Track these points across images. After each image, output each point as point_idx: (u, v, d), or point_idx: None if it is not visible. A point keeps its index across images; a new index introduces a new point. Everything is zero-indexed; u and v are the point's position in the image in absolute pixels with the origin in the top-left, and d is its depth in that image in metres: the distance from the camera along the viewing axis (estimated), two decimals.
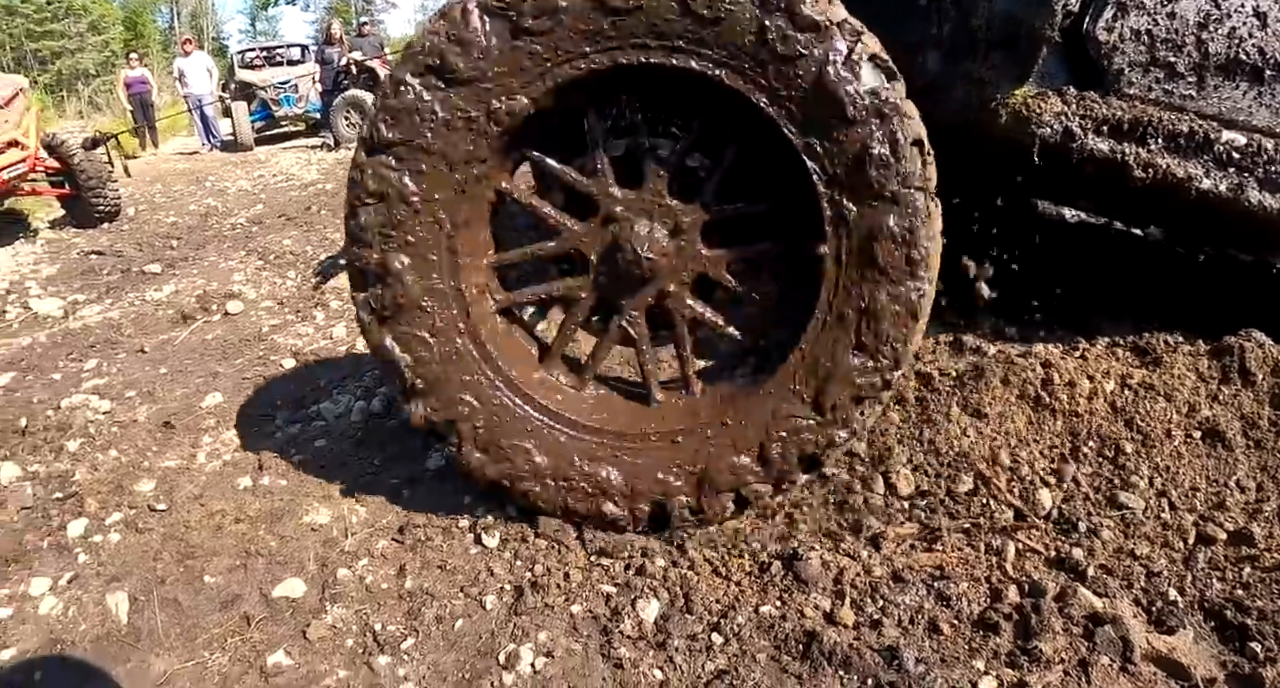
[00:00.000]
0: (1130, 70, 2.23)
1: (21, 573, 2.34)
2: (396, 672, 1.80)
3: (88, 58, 36.25)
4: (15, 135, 7.31)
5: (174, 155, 14.60)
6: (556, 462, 2.12)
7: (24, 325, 4.98)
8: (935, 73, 2.44)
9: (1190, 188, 2.29)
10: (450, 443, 2.16)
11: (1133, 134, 2.27)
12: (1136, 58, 2.22)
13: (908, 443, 2.41)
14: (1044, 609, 1.80)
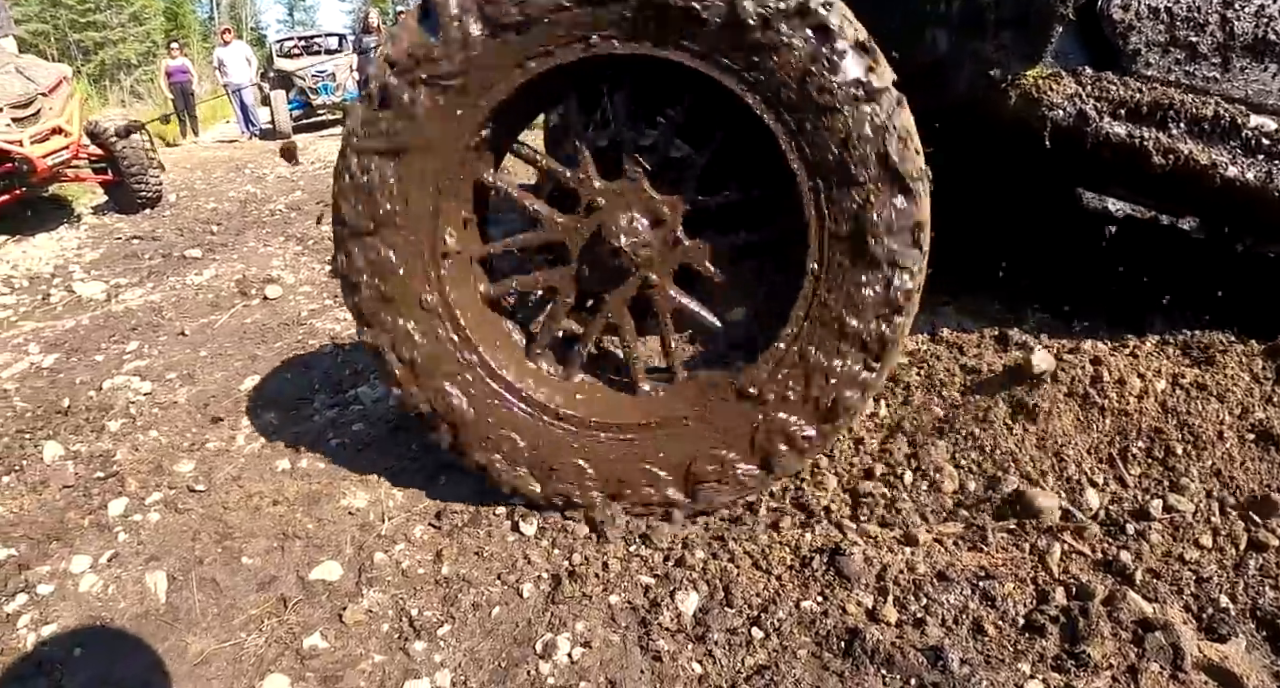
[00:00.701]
0: (1148, 50, 2.13)
1: (63, 551, 2.37)
2: (433, 658, 1.79)
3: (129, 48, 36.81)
4: (59, 123, 7.42)
5: (214, 143, 14.80)
6: (540, 450, 2.11)
7: (67, 308, 5.06)
8: (943, 52, 2.36)
9: (1214, 175, 2.19)
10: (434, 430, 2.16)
11: (1152, 118, 2.17)
12: (1155, 37, 2.12)
13: (951, 439, 2.36)
14: (1092, 613, 1.75)
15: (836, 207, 1.87)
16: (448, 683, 1.73)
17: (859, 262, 1.88)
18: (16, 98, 7.22)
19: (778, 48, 1.78)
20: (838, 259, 1.90)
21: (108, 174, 8.08)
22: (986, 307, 3.09)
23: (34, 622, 2.11)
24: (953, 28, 2.32)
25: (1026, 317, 2.96)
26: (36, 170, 7.25)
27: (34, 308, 5.19)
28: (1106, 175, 2.55)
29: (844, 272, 1.90)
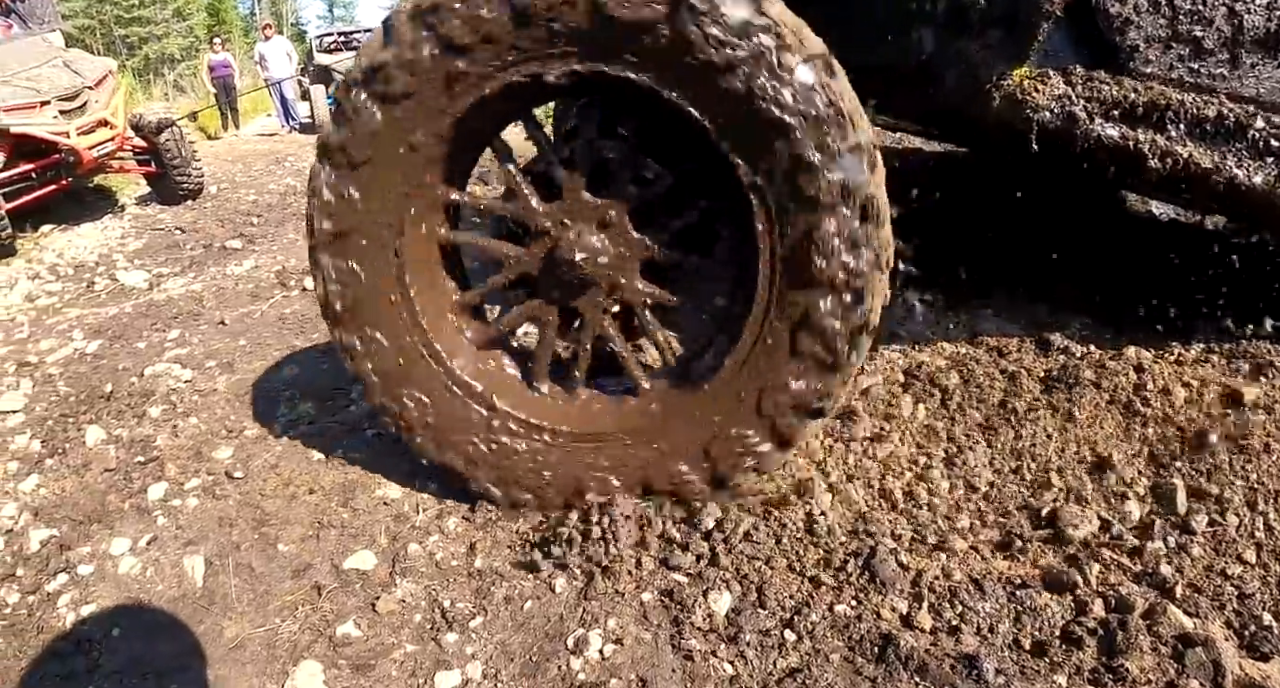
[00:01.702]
0: (1147, 47, 2.03)
1: (103, 533, 2.41)
2: (464, 650, 1.80)
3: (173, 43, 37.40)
4: (105, 115, 7.56)
5: (254, 136, 14.98)
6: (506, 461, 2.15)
7: (111, 296, 5.15)
8: (930, 52, 2.28)
9: (1217, 180, 2.10)
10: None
11: (1148, 119, 2.08)
12: (1154, 32, 2.02)
13: (989, 445, 2.34)
14: (1131, 626, 1.71)
15: (785, 224, 1.82)
16: (479, 675, 1.73)
17: (810, 280, 1.83)
18: (64, 91, 7.36)
19: (721, 67, 1.74)
20: (788, 277, 1.85)
21: (151, 166, 8.21)
22: (1027, 310, 3.05)
23: (74, 601, 2.15)
24: (939, 27, 2.25)
25: (1068, 321, 2.92)
26: (82, 161, 7.39)
27: (78, 295, 5.29)
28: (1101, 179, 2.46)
29: (794, 290, 1.85)
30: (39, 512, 2.58)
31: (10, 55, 7.59)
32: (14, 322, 4.88)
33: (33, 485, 2.75)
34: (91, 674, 1.91)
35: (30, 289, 5.57)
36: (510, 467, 2.15)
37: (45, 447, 3.02)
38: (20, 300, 5.35)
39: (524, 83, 1.89)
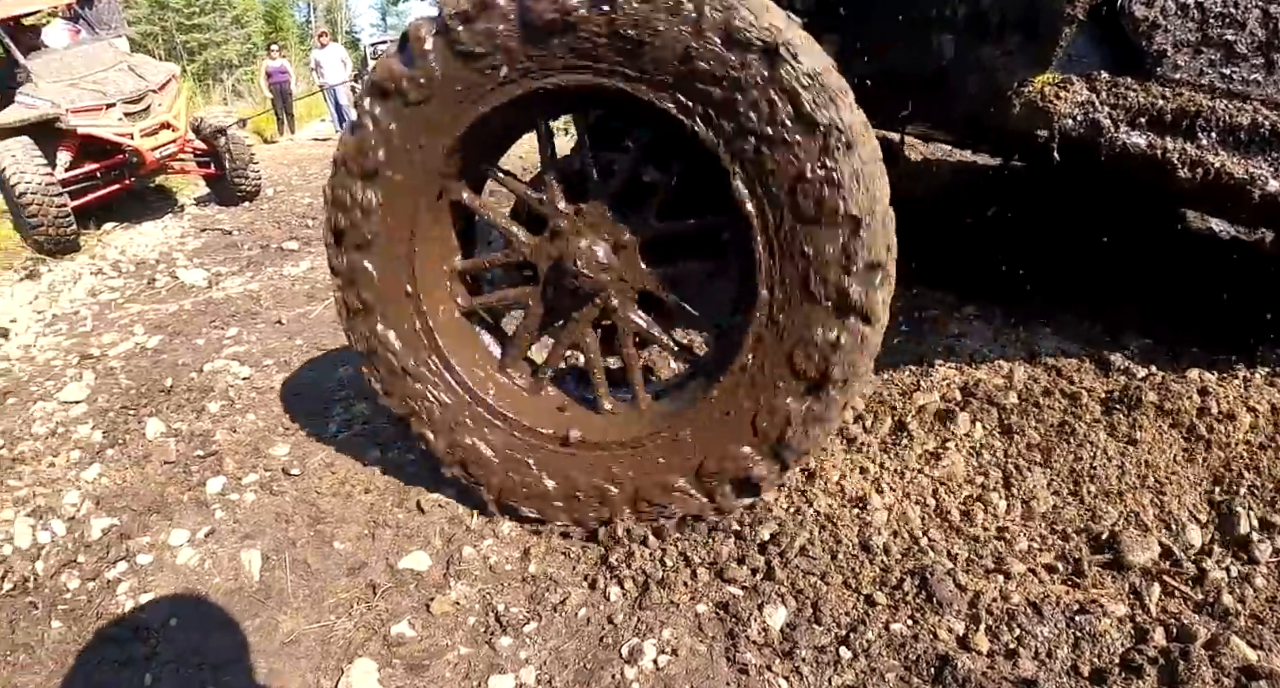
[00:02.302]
0: (1176, 51, 1.93)
1: (162, 523, 2.46)
2: (518, 654, 1.79)
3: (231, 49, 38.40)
4: (168, 118, 7.78)
5: (309, 141, 15.28)
6: (506, 460, 2.15)
7: (171, 293, 5.27)
8: (950, 59, 2.22)
9: (1252, 190, 2.00)
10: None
11: (1177, 127, 1.98)
12: (1184, 36, 1.92)
13: (1047, 466, 2.28)
14: (1193, 656, 1.66)
15: (785, 241, 1.80)
16: (532, 681, 1.73)
17: (809, 298, 1.81)
18: (129, 94, 7.59)
19: (722, 82, 1.74)
20: (787, 295, 1.83)
21: (210, 168, 8.42)
22: (1087, 330, 2.98)
23: (133, 590, 2.19)
24: (959, 33, 2.20)
25: (1129, 342, 2.85)
26: (145, 162, 7.62)
27: (139, 292, 5.43)
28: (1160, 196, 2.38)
29: (793, 307, 1.82)
30: (100, 501, 2.64)
31: (78, 59, 7.85)
32: (77, 315, 5.02)
33: (94, 474, 2.82)
34: (149, 662, 1.94)
35: (93, 284, 5.73)
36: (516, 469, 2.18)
37: (106, 437, 3.09)
38: (84, 295, 5.51)
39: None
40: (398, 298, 2.16)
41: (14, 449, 3.13)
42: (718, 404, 1.96)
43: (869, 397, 2.64)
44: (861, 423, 2.48)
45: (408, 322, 2.18)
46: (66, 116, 7.21)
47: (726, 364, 1.94)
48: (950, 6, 2.19)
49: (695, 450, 1.99)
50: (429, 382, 2.20)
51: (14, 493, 2.79)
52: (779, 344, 1.86)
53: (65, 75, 7.59)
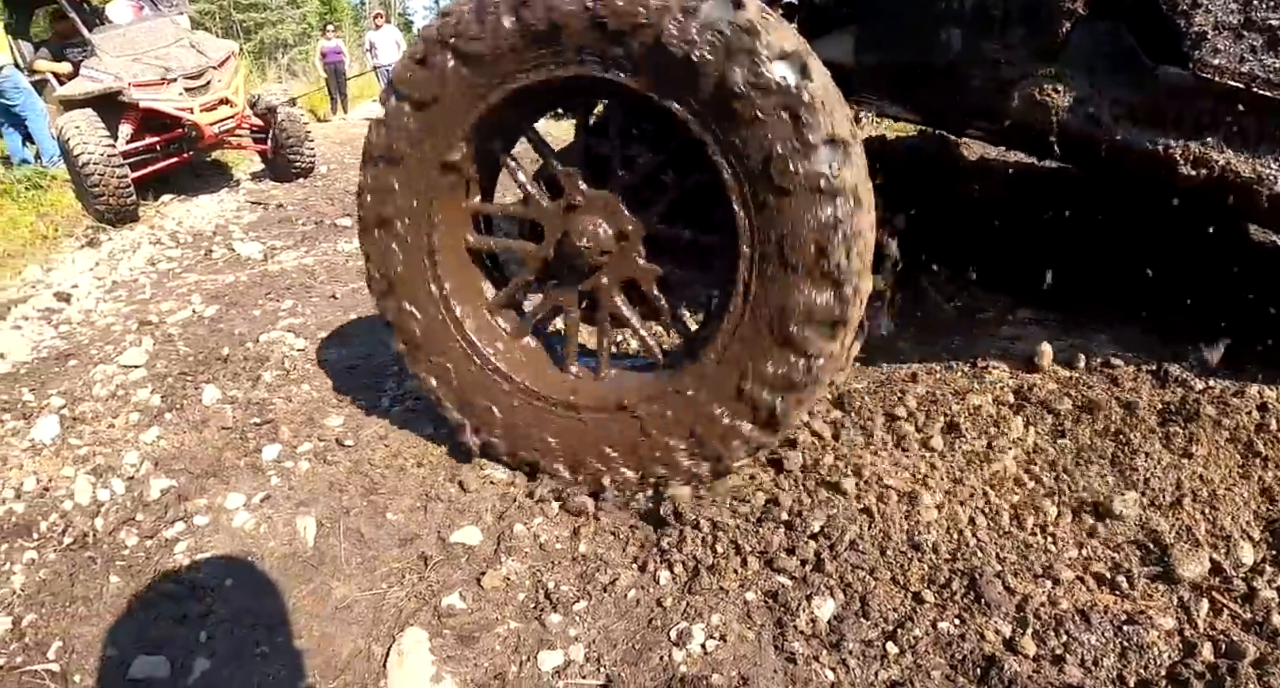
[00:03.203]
0: (1216, 34, 1.84)
1: (219, 487, 2.51)
2: (568, 631, 1.81)
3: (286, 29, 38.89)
4: (226, 94, 7.92)
5: (362, 120, 15.40)
6: (511, 420, 2.29)
7: (228, 265, 5.37)
8: (957, 53, 2.21)
9: (1260, 190, 1.94)
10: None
11: (1178, 123, 1.94)
12: (1225, 18, 1.83)
13: (1100, 474, 2.25)
14: (1241, 674, 1.63)
15: (762, 218, 1.87)
16: (581, 658, 1.75)
17: (788, 274, 1.88)
18: (190, 70, 7.74)
19: (696, 64, 1.81)
20: (767, 270, 1.90)
21: (265, 144, 8.56)
22: (1144, 339, 2.93)
23: (189, 549, 2.24)
24: (965, 26, 2.19)
25: (1187, 353, 2.79)
26: (204, 137, 7.77)
27: (197, 262, 5.54)
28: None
29: (773, 283, 1.90)
30: (159, 462, 2.71)
31: (142, 35, 8.02)
32: (136, 283, 5.14)
33: (153, 437, 2.89)
34: (204, 620, 1.99)
35: (152, 253, 5.86)
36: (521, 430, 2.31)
37: (165, 402, 3.17)
38: (142, 263, 5.64)
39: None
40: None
41: (75, 409, 3.21)
42: (707, 372, 2.05)
43: (920, 396, 2.63)
44: (913, 421, 2.46)
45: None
46: (129, 90, 7.37)
47: (713, 336, 2.04)
48: (958, 1, 2.19)
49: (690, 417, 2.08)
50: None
51: (75, 451, 2.87)
52: (759, 318, 1.95)
53: (128, 50, 7.75)
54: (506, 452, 2.36)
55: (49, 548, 2.35)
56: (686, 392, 2.07)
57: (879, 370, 2.83)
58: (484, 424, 2.35)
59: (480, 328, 2.37)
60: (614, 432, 2.18)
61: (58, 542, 2.37)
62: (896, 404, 2.56)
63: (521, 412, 2.30)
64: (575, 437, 2.23)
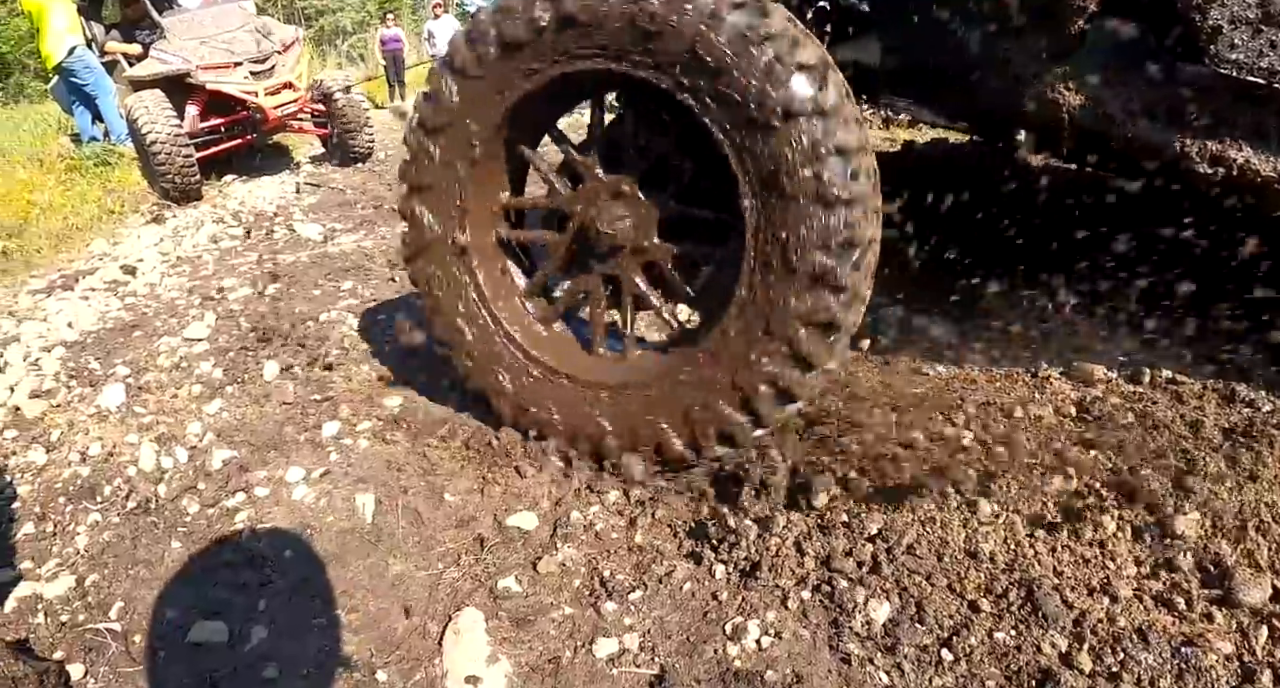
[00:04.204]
0: (1233, 29, 1.81)
1: (279, 460, 2.56)
2: (623, 620, 1.82)
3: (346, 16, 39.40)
4: (290, 79, 8.08)
5: None
6: (520, 390, 2.43)
7: (288, 245, 5.47)
8: (975, 52, 2.22)
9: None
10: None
11: (1194, 120, 1.90)
12: (1243, 12, 1.79)
13: (1162, 491, 2.20)
14: None
15: (769, 221, 1.93)
16: (636, 647, 1.75)
17: (788, 276, 1.94)
18: (255, 54, 7.91)
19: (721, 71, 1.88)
20: (767, 270, 1.96)
21: (326, 128, 8.70)
22: (1212, 356, 2.86)
23: (250, 520, 2.29)
24: (982, 26, 2.19)
25: (1256, 375, 2.72)
26: (267, 119, 7.92)
27: (258, 241, 5.65)
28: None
29: (772, 282, 1.96)
30: (221, 433, 2.77)
31: (209, 19, 8.20)
32: (200, 259, 5.25)
33: (216, 409, 2.95)
34: (263, 589, 2.03)
35: (215, 232, 5.99)
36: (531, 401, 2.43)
37: (227, 375, 3.24)
38: (206, 241, 5.76)
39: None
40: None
41: (140, 378, 3.30)
42: (705, 360, 2.12)
43: (980, 403, 2.59)
44: (971, 430, 2.43)
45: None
46: (196, 73, 7.55)
47: (712, 326, 2.12)
48: (975, 1, 2.20)
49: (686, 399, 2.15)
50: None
51: (139, 419, 2.95)
52: (757, 313, 2.01)
53: (196, 34, 7.94)
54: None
55: (113, 511, 2.41)
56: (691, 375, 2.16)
57: (938, 376, 2.80)
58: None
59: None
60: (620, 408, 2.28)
61: (121, 506, 2.43)
62: (956, 410, 2.54)
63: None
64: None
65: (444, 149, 2.37)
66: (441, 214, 2.44)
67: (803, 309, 1.94)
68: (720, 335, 2.07)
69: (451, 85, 2.28)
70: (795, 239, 1.90)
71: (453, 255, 2.47)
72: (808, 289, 1.93)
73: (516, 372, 2.44)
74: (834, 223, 1.87)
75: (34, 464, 2.71)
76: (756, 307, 2.00)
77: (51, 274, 5.11)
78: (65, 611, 2.03)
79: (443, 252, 2.48)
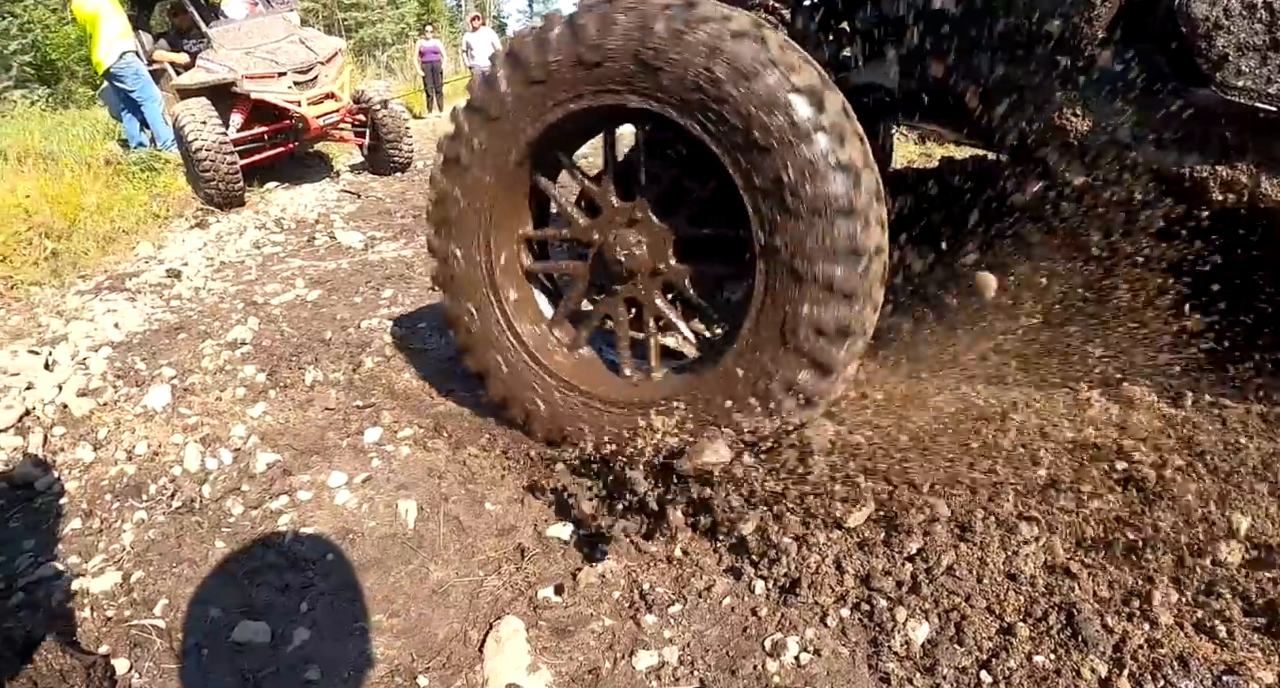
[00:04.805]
0: (1239, 56, 1.80)
1: (322, 465, 2.60)
2: (662, 633, 1.82)
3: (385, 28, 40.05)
4: (332, 89, 8.21)
5: None
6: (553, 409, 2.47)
7: (329, 252, 5.55)
8: (987, 77, 2.23)
9: None
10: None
11: (1206, 146, 1.89)
12: (1250, 39, 1.78)
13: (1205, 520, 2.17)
14: None
15: (776, 238, 1.99)
16: (675, 660, 1.76)
17: (799, 287, 2.00)
18: (299, 64, 8.06)
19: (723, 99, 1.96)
20: (779, 284, 2.02)
21: (366, 138, 8.83)
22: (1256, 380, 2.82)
23: (292, 523, 2.33)
24: (994, 52, 2.21)
25: None
26: (310, 129, 8.06)
27: (300, 248, 5.74)
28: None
29: (785, 297, 2.02)
30: (265, 436, 2.81)
31: (255, 30, 8.38)
32: (242, 264, 5.35)
33: (259, 412, 3.00)
34: (305, 591, 2.06)
35: (257, 237, 6.09)
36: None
37: (270, 379, 3.29)
38: (248, 246, 5.86)
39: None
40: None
41: (185, 380, 3.36)
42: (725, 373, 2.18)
43: (1020, 425, 2.57)
44: (1010, 450, 2.42)
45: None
46: (242, 82, 7.71)
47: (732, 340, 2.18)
48: (987, 27, 2.22)
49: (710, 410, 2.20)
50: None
51: (184, 420, 3.01)
52: (771, 325, 2.07)
53: (242, 44, 8.11)
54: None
55: (158, 510, 2.46)
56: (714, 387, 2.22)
57: (978, 396, 2.78)
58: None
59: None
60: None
61: (166, 504, 2.48)
62: (995, 430, 2.52)
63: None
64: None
65: (465, 189, 2.47)
66: (467, 247, 2.54)
67: (817, 313, 2.01)
68: (740, 347, 2.13)
69: (472, 124, 2.40)
70: (804, 252, 1.96)
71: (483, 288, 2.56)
72: (819, 297, 1.99)
73: (548, 394, 2.48)
74: (839, 234, 1.92)
75: (81, 461, 2.78)
76: (772, 317, 2.06)
77: (98, 276, 5.23)
78: (111, 606, 2.07)
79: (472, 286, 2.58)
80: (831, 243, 1.93)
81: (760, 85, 1.92)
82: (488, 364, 2.57)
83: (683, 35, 1.97)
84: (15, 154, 7.62)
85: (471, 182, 2.45)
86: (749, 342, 2.11)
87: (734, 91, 1.94)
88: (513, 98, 2.27)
